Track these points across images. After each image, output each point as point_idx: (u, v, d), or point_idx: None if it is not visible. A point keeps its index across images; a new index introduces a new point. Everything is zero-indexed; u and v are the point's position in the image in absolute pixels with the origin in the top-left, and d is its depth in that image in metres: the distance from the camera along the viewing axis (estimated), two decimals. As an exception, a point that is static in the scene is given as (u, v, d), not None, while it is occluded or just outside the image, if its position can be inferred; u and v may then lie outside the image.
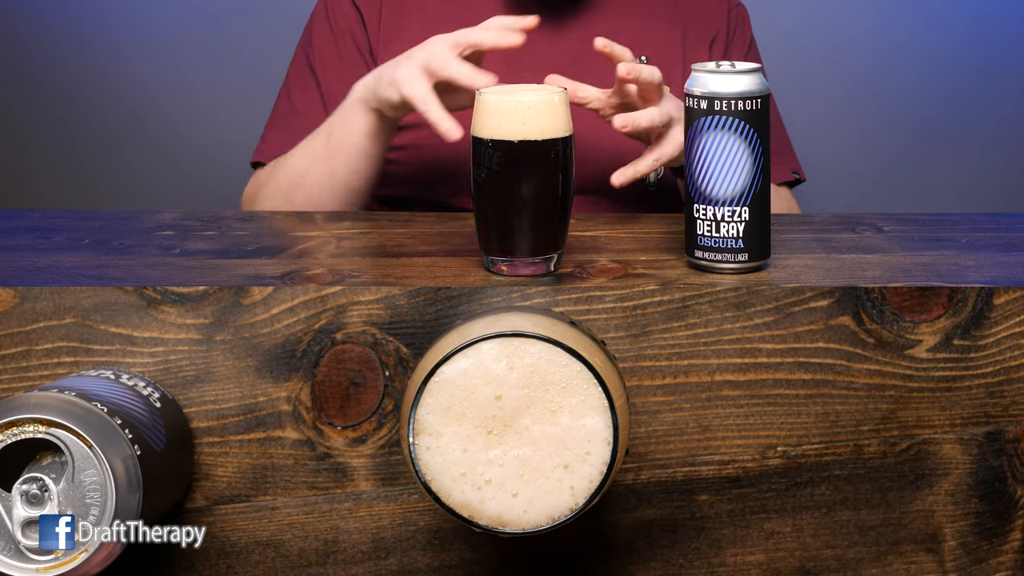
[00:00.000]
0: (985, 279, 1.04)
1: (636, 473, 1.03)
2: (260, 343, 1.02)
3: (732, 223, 1.05)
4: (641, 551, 1.04)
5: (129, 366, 1.02)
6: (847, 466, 1.03)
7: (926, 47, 2.18)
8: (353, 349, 1.02)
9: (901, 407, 1.03)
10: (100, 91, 2.22)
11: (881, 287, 1.02)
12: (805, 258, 1.11)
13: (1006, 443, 1.04)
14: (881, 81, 2.19)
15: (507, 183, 1.04)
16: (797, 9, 2.17)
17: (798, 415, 1.03)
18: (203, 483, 1.03)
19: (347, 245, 1.16)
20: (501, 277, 1.05)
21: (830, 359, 1.02)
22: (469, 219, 1.17)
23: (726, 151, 1.04)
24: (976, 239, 1.17)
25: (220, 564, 1.04)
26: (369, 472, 1.03)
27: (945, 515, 1.04)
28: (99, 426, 0.88)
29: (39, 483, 0.87)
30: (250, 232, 1.22)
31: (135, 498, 0.88)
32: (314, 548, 1.04)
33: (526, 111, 1.04)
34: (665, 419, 1.03)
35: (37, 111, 2.24)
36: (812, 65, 2.16)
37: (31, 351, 1.02)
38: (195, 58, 2.20)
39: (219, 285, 1.02)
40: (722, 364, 1.02)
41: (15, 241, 1.18)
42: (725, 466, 1.03)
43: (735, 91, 1.03)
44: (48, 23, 2.21)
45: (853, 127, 2.21)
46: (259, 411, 1.02)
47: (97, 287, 1.02)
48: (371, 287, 1.02)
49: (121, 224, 1.24)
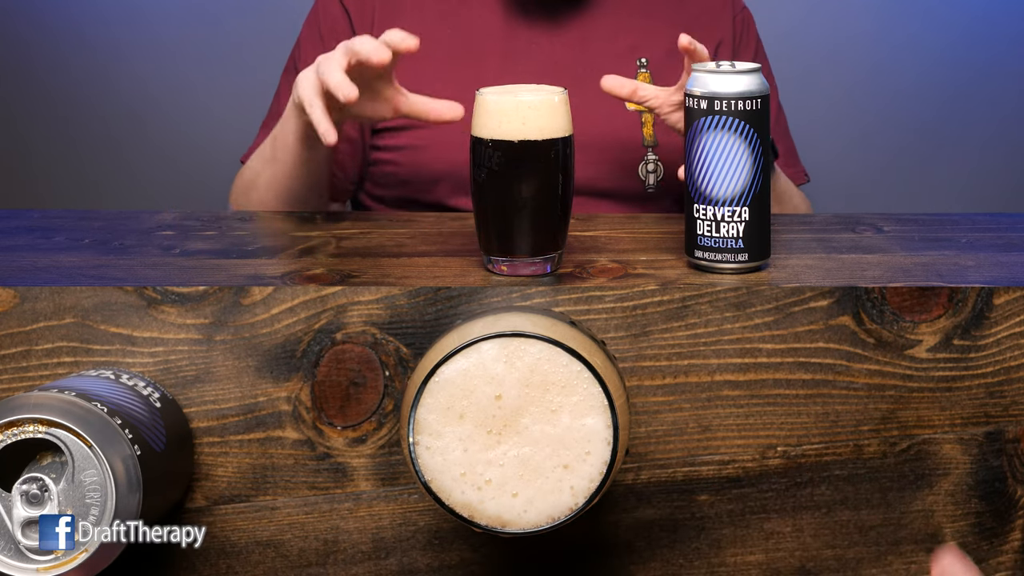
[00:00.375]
0: (985, 279, 1.04)
1: (636, 473, 1.03)
2: (260, 343, 1.02)
3: (732, 223, 1.05)
4: (641, 551, 1.04)
5: (129, 366, 1.02)
6: (847, 466, 1.03)
7: (926, 47, 2.18)
8: (353, 349, 1.02)
9: (901, 407, 1.03)
10: (100, 91, 2.22)
11: (881, 287, 1.02)
12: (805, 258, 1.11)
13: (1006, 443, 1.04)
14: (881, 81, 2.19)
15: (507, 183, 1.04)
16: (797, 9, 2.17)
17: (798, 415, 1.03)
18: (203, 483, 1.03)
19: (347, 245, 1.16)
20: (501, 277, 1.05)
21: (830, 359, 1.02)
22: (469, 219, 1.17)
23: (726, 151, 1.04)
24: (976, 239, 1.17)
25: (220, 564, 1.04)
26: (369, 472, 1.03)
27: (945, 515, 1.04)
28: (99, 426, 0.88)
29: (39, 483, 0.87)
30: (250, 232, 1.22)
31: (135, 498, 0.88)
32: (314, 548, 1.04)
33: (526, 111, 1.04)
34: (665, 419, 1.03)
35: (37, 111, 2.24)
36: (812, 65, 2.16)
37: (31, 351, 1.02)
38: (195, 58, 2.20)
39: (219, 285, 1.02)
40: (722, 364, 1.02)
41: (15, 241, 1.18)
42: (725, 466, 1.03)
43: (735, 91, 1.03)
44: (48, 23, 2.21)
45: (853, 127, 2.21)
46: (259, 411, 1.02)
47: (97, 287, 1.02)
48: (371, 287, 1.02)
49: (121, 224, 1.24)
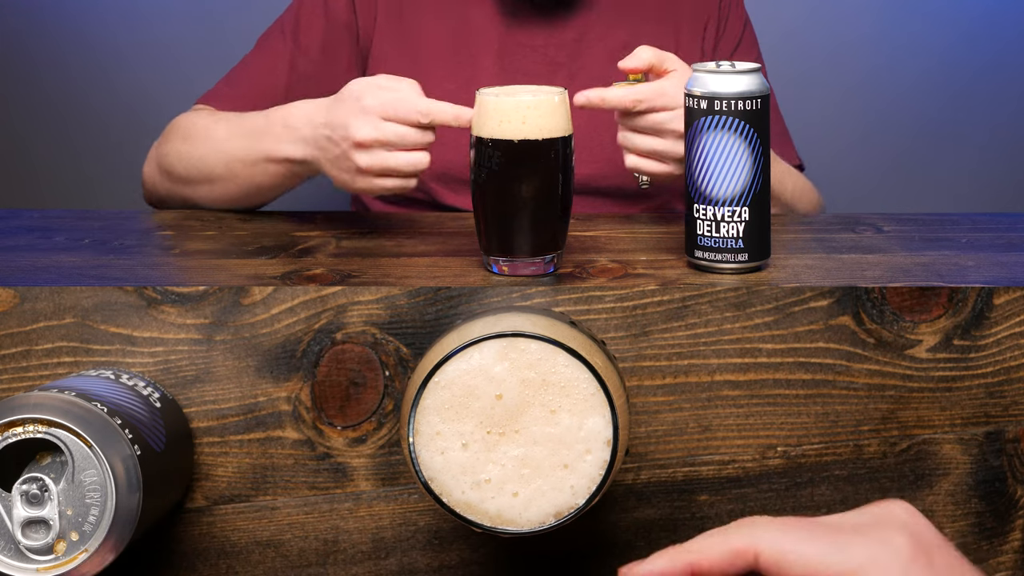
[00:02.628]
0: (985, 279, 1.04)
1: (636, 473, 1.03)
2: (260, 343, 1.02)
3: (732, 223, 1.05)
4: (641, 551, 1.04)
5: (129, 366, 1.02)
6: (847, 466, 1.03)
7: (926, 48, 2.18)
8: (353, 349, 1.02)
9: (901, 407, 1.03)
10: (100, 91, 2.22)
11: (881, 287, 1.02)
12: (805, 258, 1.11)
13: (1006, 443, 1.04)
14: (881, 81, 2.19)
15: (507, 183, 1.04)
16: (797, 10, 2.17)
17: (798, 415, 1.03)
18: (203, 483, 1.03)
19: (347, 245, 1.16)
20: (501, 277, 1.05)
21: (830, 359, 1.02)
22: (469, 219, 1.17)
23: (726, 151, 1.04)
24: (976, 239, 1.17)
25: (220, 564, 1.04)
26: (369, 472, 1.03)
27: (945, 515, 1.04)
28: (99, 426, 0.88)
29: (39, 483, 0.87)
30: (250, 232, 1.22)
31: (135, 498, 0.88)
32: (314, 548, 1.04)
33: (526, 111, 1.04)
34: (665, 419, 1.03)
35: (37, 111, 2.24)
36: (812, 65, 2.16)
37: (31, 351, 1.02)
38: (195, 58, 2.20)
39: (219, 285, 1.02)
40: (722, 364, 1.02)
41: (15, 241, 1.18)
42: (725, 466, 1.03)
43: (735, 91, 1.03)
44: (48, 23, 2.21)
45: (853, 127, 2.21)
46: (259, 411, 1.02)
47: (97, 287, 1.02)
48: (371, 287, 1.02)
49: (121, 224, 1.24)
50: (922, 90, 2.20)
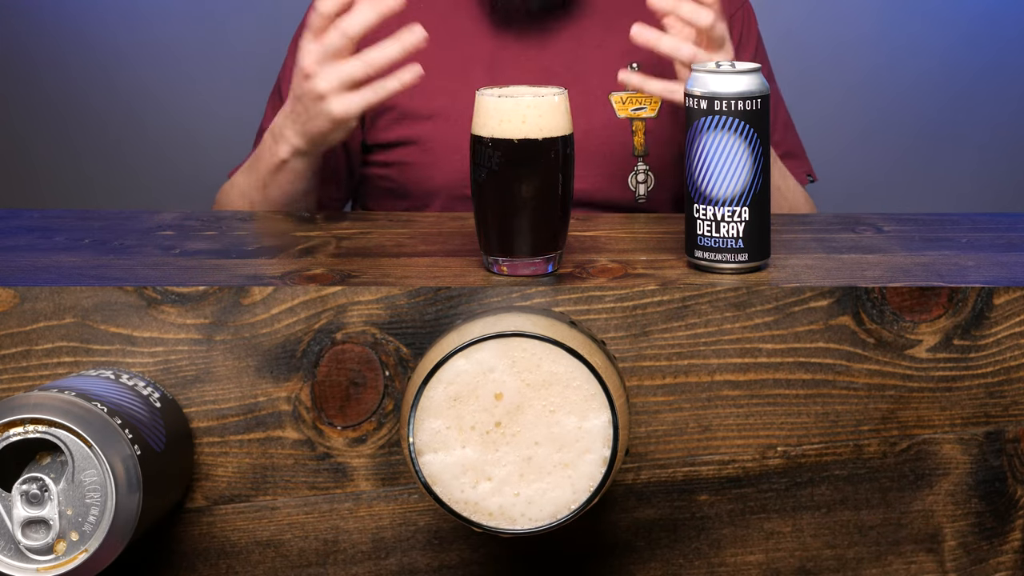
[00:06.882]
0: (985, 279, 1.04)
1: (636, 473, 1.03)
2: (260, 343, 1.02)
3: (732, 223, 1.05)
4: (641, 551, 1.04)
5: (129, 366, 1.02)
6: (847, 466, 1.03)
7: (926, 48, 2.18)
8: (353, 349, 1.02)
9: (901, 407, 1.03)
10: (100, 91, 2.22)
11: (881, 287, 1.02)
12: (805, 258, 1.11)
13: (1006, 443, 1.04)
14: (882, 81, 2.19)
15: (507, 183, 1.04)
16: (798, 9, 2.17)
17: (798, 415, 1.03)
18: (203, 483, 1.03)
19: (347, 245, 1.16)
20: (501, 277, 1.05)
21: (830, 359, 1.02)
22: (469, 219, 1.17)
23: (726, 151, 1.04)
24: (976, 239, 1.17)
25: (220, 564, 1.04)
26: (369, 472, 1.03)
27: (945, 515, 1.04)
28: (99, 426, 0.88)
29: (39, 483, 0.87)
30: (250, 232, 1.22)
31: (135, 498, 0.88)
32: (314, 548, 1.04)
33: (526, 110, 1.04)
34: (665, 419, 1.03)
35: (37, 111, 2.24)
36: (813, 65, 2.16)
37: (31, 351, 1.02)
38: (195, 58, 2.20)
39: (219, 285, 1.02)
40: (722, 364, 1.02)
41: (15, 241, 1.18)
42: (725, 466, 1.03)
43: (735, 91, 1.03)
44: (48, 23, 2.21)
45: (854, 127, 2.21)
46: (259, 411, 1.02)
47: (97, 287, 1.02)
48: (371, 287, 1.02)
49: (121, 224, 1.24)
50: (922, 90, 2.20)
